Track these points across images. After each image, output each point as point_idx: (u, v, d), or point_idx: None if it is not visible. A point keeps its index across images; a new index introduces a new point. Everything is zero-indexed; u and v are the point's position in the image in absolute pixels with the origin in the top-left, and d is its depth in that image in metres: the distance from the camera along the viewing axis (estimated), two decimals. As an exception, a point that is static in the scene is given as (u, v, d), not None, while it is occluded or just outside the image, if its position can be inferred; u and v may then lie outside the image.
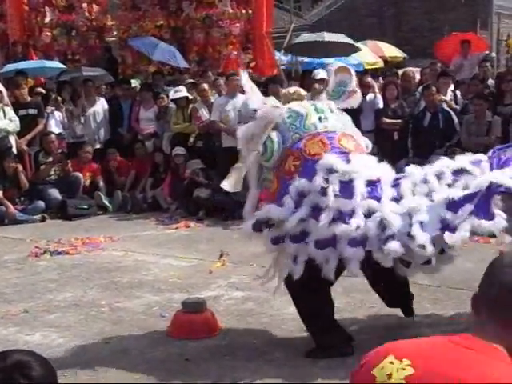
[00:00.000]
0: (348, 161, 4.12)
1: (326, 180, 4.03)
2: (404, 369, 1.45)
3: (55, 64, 12.40)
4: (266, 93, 9.42)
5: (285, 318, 4.95)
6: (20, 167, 9.24)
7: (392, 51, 16.55)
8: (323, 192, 4.01)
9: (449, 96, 9.42)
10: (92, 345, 4.57)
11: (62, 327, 4.92)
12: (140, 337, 4.69)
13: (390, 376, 1.45)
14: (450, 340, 1.52)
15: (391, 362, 1.47)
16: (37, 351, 4.37)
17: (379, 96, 9.45)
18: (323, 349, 4.25)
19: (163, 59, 12.63)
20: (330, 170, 4.06)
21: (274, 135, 4.26)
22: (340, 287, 5.52)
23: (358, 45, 13.14)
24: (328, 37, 12.54)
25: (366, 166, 4.16)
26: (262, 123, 4.32)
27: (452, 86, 9.95)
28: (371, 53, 15.40)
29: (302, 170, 4.13)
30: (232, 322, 4.91)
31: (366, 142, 4.57)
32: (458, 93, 9.72)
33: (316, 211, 4.02)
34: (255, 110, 4.45)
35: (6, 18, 13.59)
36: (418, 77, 10.77)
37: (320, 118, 4.31)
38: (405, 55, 16.66)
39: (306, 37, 13.41)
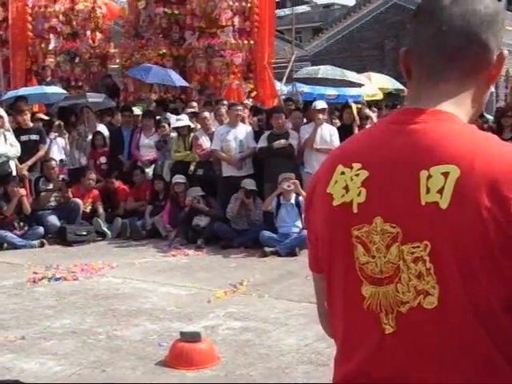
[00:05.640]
0: None
1: None
2: (357, 174, 1.31)
3: (55, 89, 12.49)
4: (268, 121, 9.54)
5: (283, 349, 4.93)
6: (23, 192, 9.24)
7: (384, 83, 16.62)
8: None
9: None
10: (89, 373, 4.53)
11: (58, 355, 4.88)
12: (137, 366, 4.65)
13: (346, 188, 1.32)
14: (389, 122, 1.35)
15: (342, 173, 1.33)
16: (33, 379, 4.30)
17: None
18: None
19: (158, 81, 12.81)
20: None
21: None
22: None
23: (359, 77, 13.25)
24: (322, 73, 12.65)
25: None
26: None
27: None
28: (371, 84, 15.52)
29: None
30: (230, 353, 4.88)
31: None
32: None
33: None
34: None
35: (9, 45, 13.73)
36: None
37: None
38: (399, 87, 16.73)
39: (305, 71, 13.54)
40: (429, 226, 1.22)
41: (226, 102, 10.54)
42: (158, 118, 10.92)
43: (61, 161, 10.25)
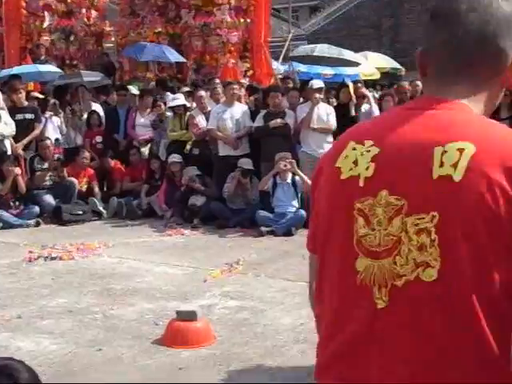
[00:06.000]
0: None
1: None
2: (368, 150, 1.31)
3: (49, 68, 12.39)
4: (265, 100, 9.50)
5: (279, 328, 4.94)
6: (18, 171, 9.21)
7: (381, 62, 16.53)
8: None
9: None
10: (85, 352, 4.54)
11: (55, 333, 4.89)
12: (133, 345, 4.66)
13: (355, 163, 1.32)
14: (405, 108, 1.38)
15: (353, 148, 1.33)
16: (29, 358, 4.31)
17: (375, 105, 9.46)
18: None
19: (152, 58, 12.78)
20: None
21: None
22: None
23: (356, 56, 13.18)
24: (319, 51, 12.61)
25: None
26: None
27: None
28: (368, 63, 15.43)
29: None
30: (226, 332, 4.89)
31: None
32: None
33: None
34: None
35: (3, 22, 13.58)
36: None
37: None
38: (396, 66, 16.64)
39: (301, 49, 13.49)
40: (438, 198, 1.22)
41: (218, 81, 10.52)
42: (153, 97, 10.86)
43: (56, 140, 10.20)
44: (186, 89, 11.26)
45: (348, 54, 12.85)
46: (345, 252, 1.31)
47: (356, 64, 12.79)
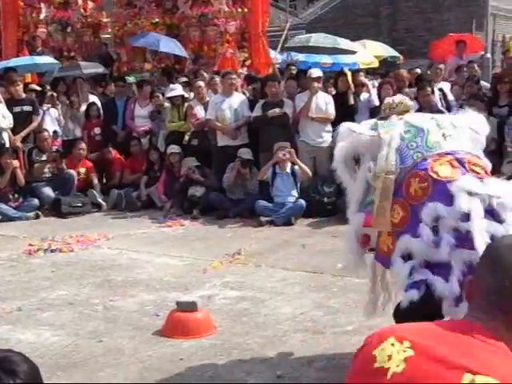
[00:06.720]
0: (485, 185, 3.47)
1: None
2: (404, 351, 1.47)
3: (46, 59, 12.34)
4: (263, 90, 9.47)
5: (279, 317, 4.94)
6: (17, 164, 9.19)
7: (379, 50, 16.45)
8: (465, 217, 3.38)
9: (437, 95, 9.41)
10: (85, 343, 4.55)
11: (55, 325, 4.89)
12: (134, 336, 4.67)
13: (389, 357, 1.47)
14: (449, 323, 1.56)
15: (392, 344, 1.50)
16: (30, 350, 4.31)
17: (374, 94, 9.44)
18: None
19: (145, 45, 12.78)
20: (470, 194, 3.41)
21: (392, 154, 3.66)
22: (336, 287, 5.53)
23: (354, 44, 13.13)
24: (314, 41, 12.59)
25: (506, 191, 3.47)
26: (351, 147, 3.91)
27: (447, 86, 9.96)
28: (367, 52, 15.36)
29: (433, 194, 3.48)
30: (226, 322, 4.90)
31: (487, 163, 3.82)
32: (448, 92, 9.73)
33: (459, 237, 3.40)
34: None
35: (0, 15, 13.50)
36: None
37: (444, 135, 3.69)
38: (395, 54, 16.58)
39: (297, 40, 13.46)
40: None
41: (205, 74, 10.49)
42: (153, 87, 10.83)
43: (54, 132, 10.16)
44: (184, 79, 11.22)
45: (344, 43, 12.80)
46: None
47: (352, 52, 12.73)
